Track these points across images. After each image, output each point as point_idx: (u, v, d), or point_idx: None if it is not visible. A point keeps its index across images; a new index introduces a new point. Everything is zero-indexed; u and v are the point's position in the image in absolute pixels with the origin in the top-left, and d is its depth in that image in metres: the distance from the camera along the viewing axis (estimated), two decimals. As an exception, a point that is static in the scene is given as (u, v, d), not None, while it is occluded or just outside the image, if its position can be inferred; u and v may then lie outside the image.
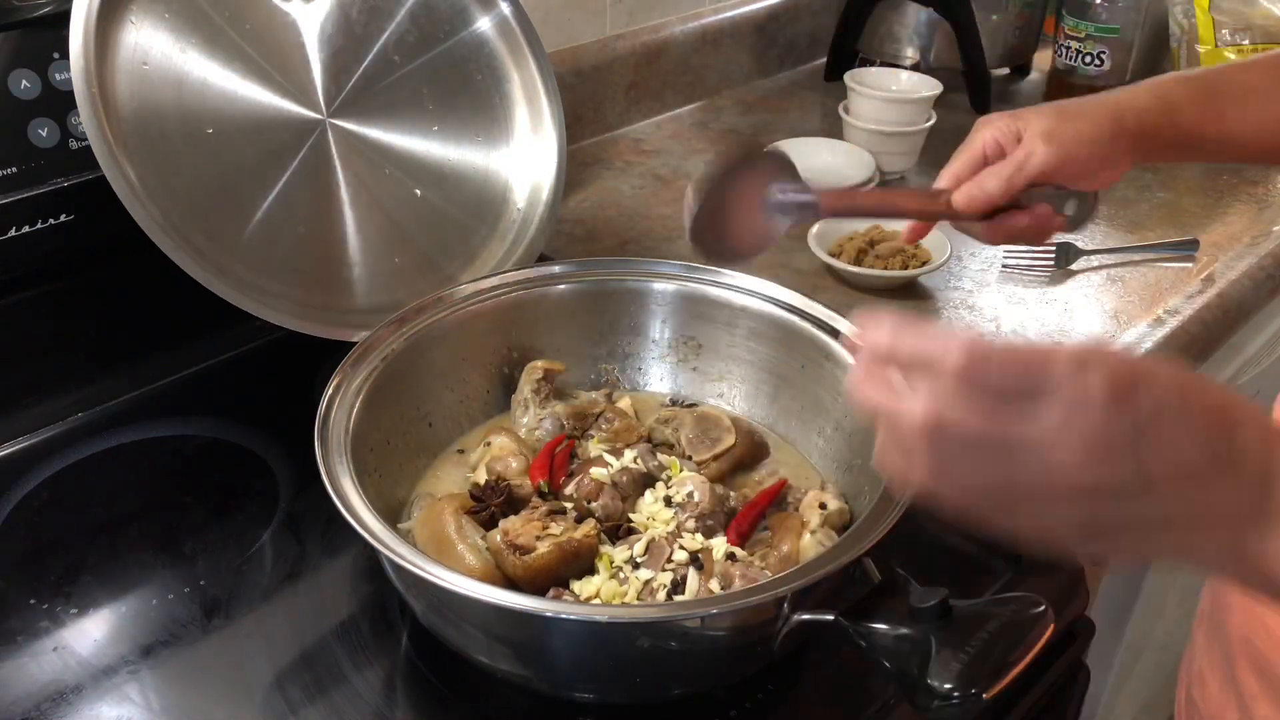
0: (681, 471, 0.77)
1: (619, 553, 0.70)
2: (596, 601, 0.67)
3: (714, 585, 0.67)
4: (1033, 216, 0.75)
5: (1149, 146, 0.75)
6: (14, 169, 0.80)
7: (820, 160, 1.27)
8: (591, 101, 1.38)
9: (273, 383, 0.95)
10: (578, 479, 0.75)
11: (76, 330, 0.91)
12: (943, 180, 0.77)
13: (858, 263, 1.07)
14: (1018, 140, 0.75)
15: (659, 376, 0.89)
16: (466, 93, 0.96)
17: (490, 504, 0.72)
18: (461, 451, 0.82)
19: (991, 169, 0.75)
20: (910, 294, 1.09)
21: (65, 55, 0.77)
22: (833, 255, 1.08)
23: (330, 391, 0.71)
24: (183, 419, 0.91)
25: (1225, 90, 0.78)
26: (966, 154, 0.77)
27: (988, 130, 0.76)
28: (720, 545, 0.70)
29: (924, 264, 1.07)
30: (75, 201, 0.83)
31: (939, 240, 1.08)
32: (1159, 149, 0.77)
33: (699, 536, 0.70)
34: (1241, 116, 0.77)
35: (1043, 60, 1.64)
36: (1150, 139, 0.76)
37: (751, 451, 0.82)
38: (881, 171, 1.28)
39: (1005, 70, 1.63)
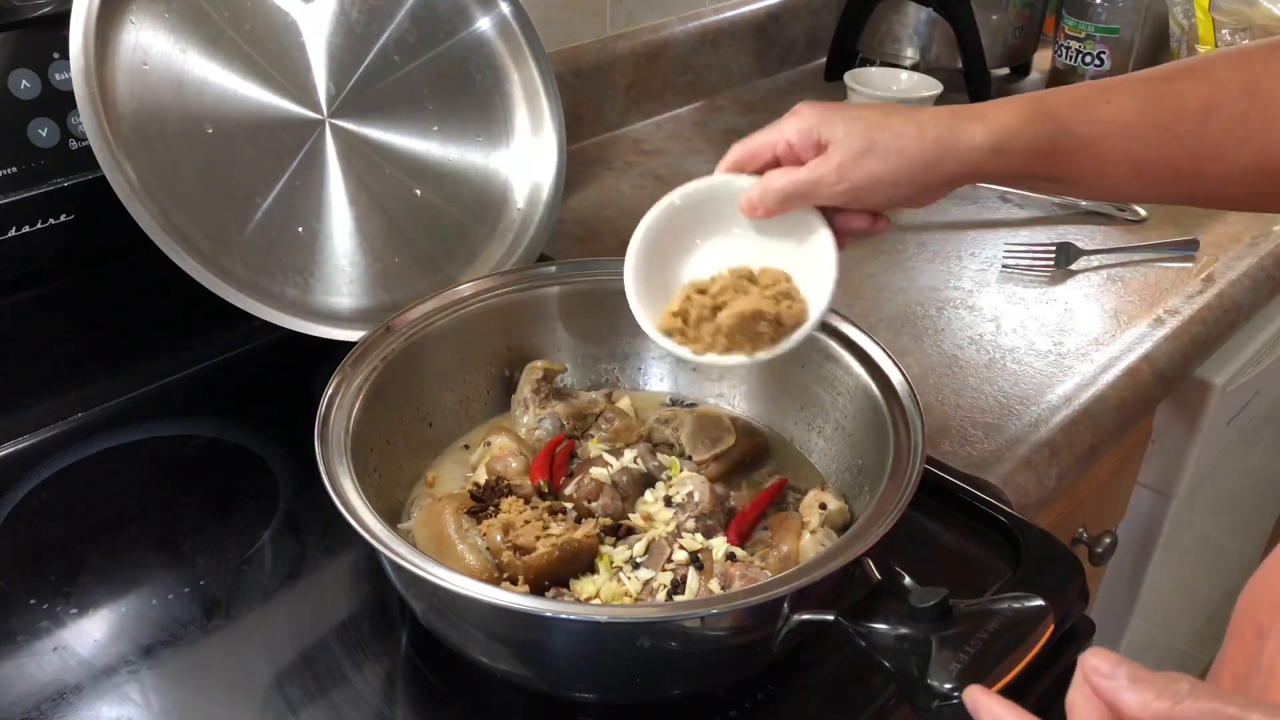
0: (681, 471, 0.77)
1: (619, 553, 0.70)
2: (596, 601, 0.67)
3: (714, 585, 0.67)
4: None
5: (967, 183, 0.70)
6: (14, 169, 0.80)
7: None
8: (591, 101, 1.38)
9: (273, 383, 0.95)
10: (578, 479, 0.75)
11: (76, 330, 0.91)
12: (724, 163, 0.72)
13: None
14: (816, 151, 0.68)
15: (659, 376, 0.89)
16: (466, 93, 0.96)
17: (490, 504, 0.72)
18: (466, 447, 0.82)
19: (779, 185, 0.69)
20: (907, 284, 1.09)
21: (65, 55, 0.77)
22: None
23: (330, 391, 0.71)
24: (183, 419, 0.91)
25: (1080, 132, 0.67)
26: (759, 144, 0.70)
27: (792, 128, 0.69)
28: (720, 545, 0.70)
29: None
30: (75, 201, 0.83)
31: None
32: (986, 181, 0.70)
33: (699, 536, 0.70)
34: (1089, 163, 0.67)
35: (1043, 60, 1.64)
36: (971, 179, 0.69)
37: (751, 451, 0.82)
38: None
39: (1005, 70, 1.63)
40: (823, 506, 0.73)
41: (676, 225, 0.74)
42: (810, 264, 0.71)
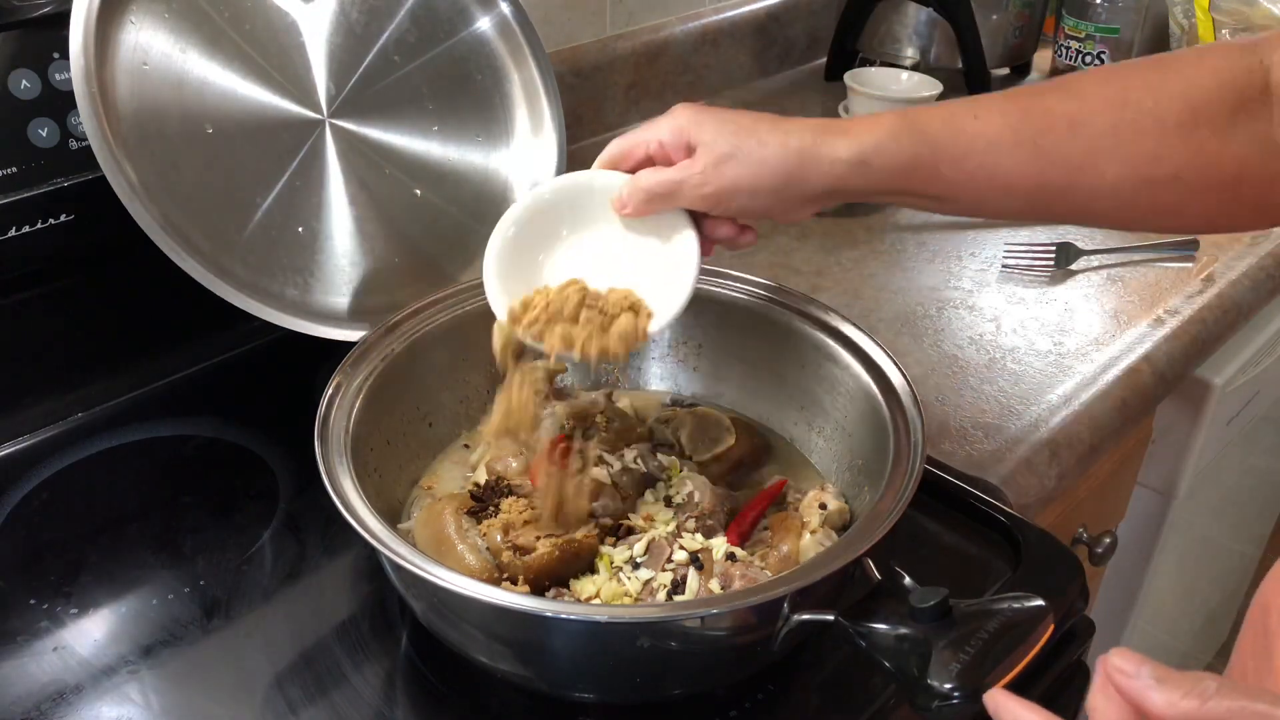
0: (681, 471, 0.77)
1: (619, 553, 0.70)
2: (596, 601, 0.67)
3: (714, 585, 0.67)
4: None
5: (836, 199, 0.69)
6: (14, 169, 0.80)
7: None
8: (591, 101, 1.38)
9: (273, 383, 0.95)
10: (578, 479, 0.75)
11: (76, 330, 0.91)
12: (601, 159, 0.72)
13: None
14: (685, 153, 0.68)
15: (659, 376, 0.89)
16: (466, 93, 0.96)
17: (490, 504, 0.72)
18: (467, 446, 0.82)
19: (645, 184, 0.69)
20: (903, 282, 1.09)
21: (65, 55, 0.77)
22: None
23: (330, 391, 0.71)
24: (183, 419, 0.91)
25: (946, 147, 0.66)
26: (633, 142, 0.70)
27: (665, 128, 0.68)
28: (720, 545, 0.70)
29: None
30: (75, 201, 0.83)
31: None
32: (853, 198, 0.69)
33: (699, 536, 0.70)
34: (957, 178, 0.66)
35: (1043, 60, 1.64)
36: (836, 194, 0.68)
37: (751, 451, 0.82)
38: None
39: (1005, 70, 1.63)
40: (823, 506, 0.73)
41: (548, 215, 0.74)
42: (671, 266, 0.71)
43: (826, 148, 0.65)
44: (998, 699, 0.45)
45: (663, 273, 0.71)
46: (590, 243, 0.74)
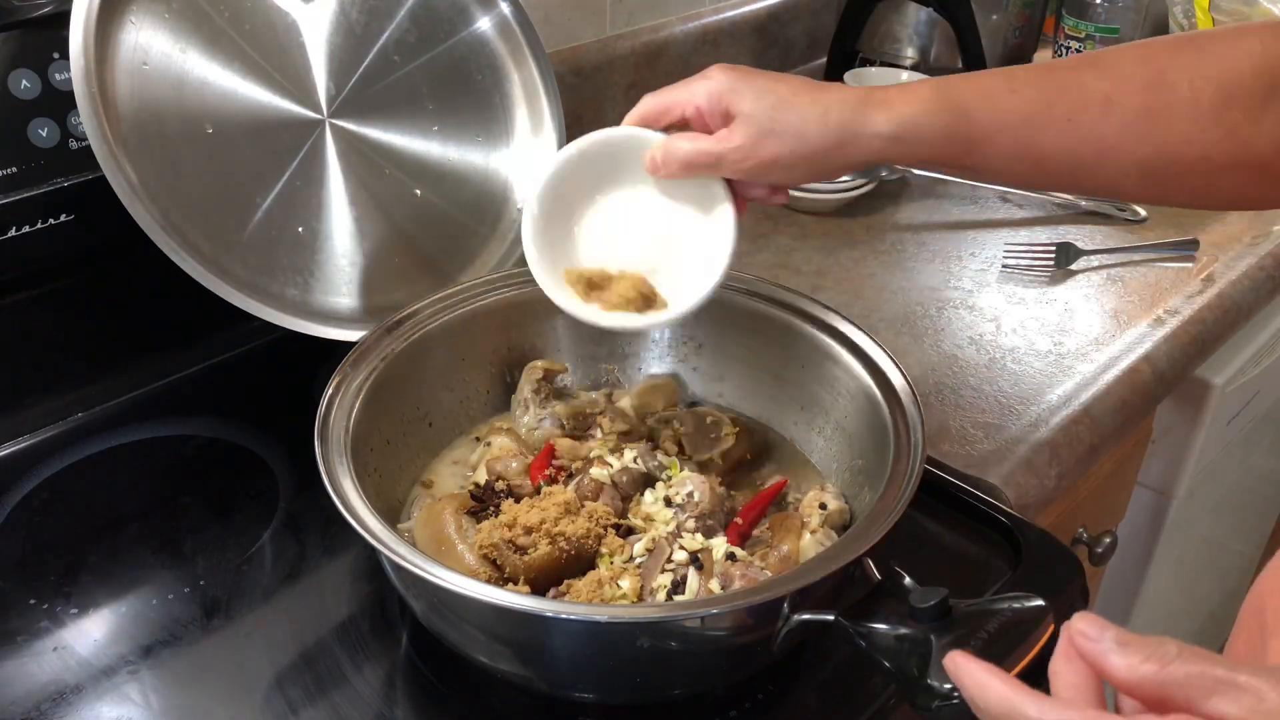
0: (681, 471, 0.77)
1: (619, 553, 0.70)
2: (596, 601, 0.67)
3: (714, 585, 0.67)
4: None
5: (869, 166, 0.70)
6: (14, 169, 0.80)
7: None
8: (591, 101, 1.38)
9: (273, 383, 0.95)
10: (578, 479, 0.75)
11: (76, 330, 0.91)
12: (634, 114, 0.72)
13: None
14: (723, 120, 0.68)
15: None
16: (466, 93, 0.96)
17: (490, 504, 0.72)
18: (477, 439, 0.83)
19: (684, 153, 0.69)
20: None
21: (65, 55, 0.77)
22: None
23: (330, 391, 0.71)
24: (183, 419, 0.91)
25: (983, 121, 0.66)
26: (669, 100, 0.70)
27: (702, 91, 0.68)
28: (720, 545, 0.70)
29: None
30: (75, 201, 0.83)
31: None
32: (888, 164, 0.71)
33: (699, 536, 0.70)
34: (991, 151, 0.67)
35: (1043, 60, 1.64)
36: (873, 163, 0.69)
37: (751, 451, 0.82)
38: (882, 172, 1.28)
39: (1005, 70, 1.63)
40: (823, 506, 0.73)
41: (581, 174, 0.74)
42: (709, 236, 0.72)
43: (865, 123, 0.66)
44: (956, 660, 0.44)
45: (695, 245, 0.72)
46: (623, 204, 0.74)
